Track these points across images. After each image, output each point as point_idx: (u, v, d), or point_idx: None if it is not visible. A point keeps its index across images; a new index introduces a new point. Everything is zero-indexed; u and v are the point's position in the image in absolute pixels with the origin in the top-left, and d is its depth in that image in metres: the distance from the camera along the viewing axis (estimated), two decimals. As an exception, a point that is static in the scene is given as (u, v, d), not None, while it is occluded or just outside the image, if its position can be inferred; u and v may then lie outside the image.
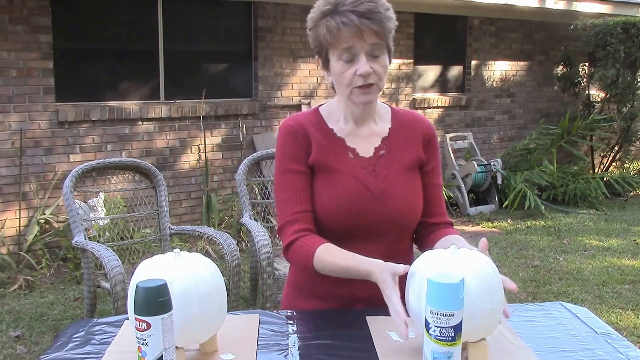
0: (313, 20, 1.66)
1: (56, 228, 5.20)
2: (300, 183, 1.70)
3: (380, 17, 1.60)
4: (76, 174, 3.46)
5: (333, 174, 1.70)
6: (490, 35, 8.31)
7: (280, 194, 1.71)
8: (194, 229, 3.83)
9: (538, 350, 1.46)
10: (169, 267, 1.36)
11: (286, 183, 1.71)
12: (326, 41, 1.63)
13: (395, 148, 1.76)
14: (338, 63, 1.64)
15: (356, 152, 1.74)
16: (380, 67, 1.64)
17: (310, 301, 1.77)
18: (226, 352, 1.43)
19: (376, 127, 1.77)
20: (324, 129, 1.75)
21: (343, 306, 1.72)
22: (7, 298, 4.51)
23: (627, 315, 4.31)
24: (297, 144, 1.71)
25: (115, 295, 3.13)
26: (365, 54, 1.61)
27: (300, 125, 1.73)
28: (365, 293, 1.67)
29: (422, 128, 1.80)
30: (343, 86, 1.67)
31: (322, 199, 1.69)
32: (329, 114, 1.78)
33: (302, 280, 1.81)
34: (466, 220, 7.09)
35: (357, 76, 1.63)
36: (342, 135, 1.75)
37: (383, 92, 7.35)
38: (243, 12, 6.37)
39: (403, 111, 1.85)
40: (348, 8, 1.59)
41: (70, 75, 5.48)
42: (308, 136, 1.72)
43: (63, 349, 1.47)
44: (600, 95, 8.75)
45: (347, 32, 1.59)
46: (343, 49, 1.62)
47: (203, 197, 5.93)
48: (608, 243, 6.16)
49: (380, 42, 1.62)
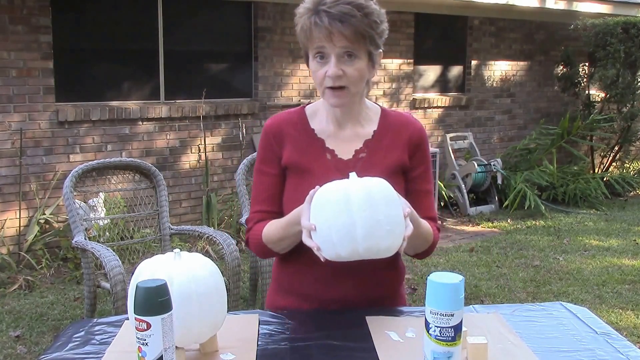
0: (297, 15, 1.66)
1: (56, 228, 5.20)
2: (264, 184, 1.75)
3: (354, 22, 1.56)
4: (76, 174, 3.46)
5: (306, 175, 1.69)
6: (490, 35, 8.31)
7: (252, 192, 1.80)
8: (194, 229, 3.83)
9: (538, 350, 1.46)
10: (169, 267, 1.36)
11: (255, 182, 1.78)
12: (303, 39, 1.64)
13: (377, 151, 1.72)
14: (313, 62, 1.65)
15: (334, 154, 1.72)
16: (353, 70, 1.61)
17: (288, 299, 1.77)
18: (226, 352, 1.43)
19: (360, 129, 1.74)
20: (305, 128, 1.74)
21: (319, 306, 1.71)
22: (7, 298, 4.51)
23: (627, 315, 4.31)
24: (268, 145, 1.74)
25: (115, 295, 3.13)
26: (336, 56, 1.60)
27: (277, 126, 1.74)
28: (340, 294, 1.69)
29: (411, 131, 1.75)
30: (317, 84, 1.67)
31: (292, 200, 1.67)
32: (313, 113, 1.77)
33: (280, 277, 1.82)
34: (466, 220, 7.09)
35: (327, 77, 1.62)
36: (322, 136, 1.73)
37: (384, 92, 7.36)
38: (243, 12, 6.37)
39: (394, 113, 1.80)
40: (325, 8, 1.57)
41: (70, 75, 5.48)
42: (282, 137, 1.73)
43: (63, 349, 1.47)
44: (600, 95, 8.75)
45: (317, 33, 1.58)
46: (316, 48, 1.61)
47: (203, 197, 5.93)
48: (608, 243, 6.16)
49: (353, 47, 1.59)
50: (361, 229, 1.41)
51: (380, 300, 1.74)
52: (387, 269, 1.75)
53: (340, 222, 1.41)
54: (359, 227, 1.41)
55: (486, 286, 4.88)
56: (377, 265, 1.59)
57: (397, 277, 1.82)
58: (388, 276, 1.77)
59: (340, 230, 1.41)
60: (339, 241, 1.42)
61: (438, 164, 6.56)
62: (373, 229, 1.41)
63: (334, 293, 1.70)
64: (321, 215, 1.45)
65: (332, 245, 1.44)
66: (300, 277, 1.72)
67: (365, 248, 1.43)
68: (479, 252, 5.83)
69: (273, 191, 1.74)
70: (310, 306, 1.71)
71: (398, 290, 1.82)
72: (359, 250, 1.43)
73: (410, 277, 5.06)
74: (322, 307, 1.70)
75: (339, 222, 1.41)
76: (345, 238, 1.42)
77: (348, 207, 1.41)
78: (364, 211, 1.41)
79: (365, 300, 1.71)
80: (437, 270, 5.09)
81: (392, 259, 1.76)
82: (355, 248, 1.43)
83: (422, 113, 7.75)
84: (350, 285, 1.68)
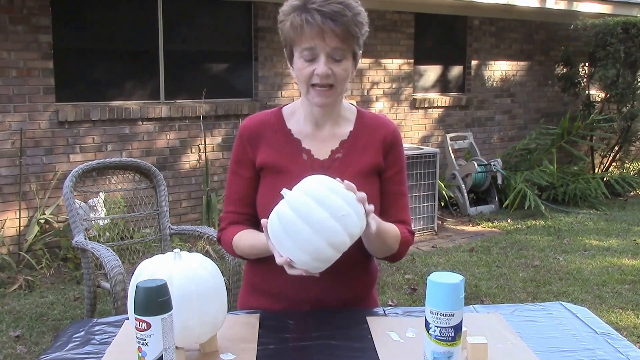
0: (283, 13, 1.65)
1: (56, 228, 5.20)
2: (237, 185, 1.76)
3: (345, 21, 1.57)
4: (76, 174, 3.46)
5: (281, 176, 1.68)
6: (490, 35, 8.31)
7: (225, 191, 1.81)
8: (194, 229, 3.83)
9: (538, 350, 1.46)
10: (169, 267, 1.36)
11: (229, 182, 1.79)
12: (290, 37, 1.63)
13: (353, 152, 1.72)
14: (299, 60, 1.63)
15: (311, 154, 1.72)
16: (341, 70, 1.62)
17: (260, 299, 1.77)
18: (226, 352, 1.43)
19: (337, 130, 1.74)
20: (281, 129, 1.74)
21: (291, 307, 1.71)
22: (7, 298, 4.51)
23: (627, 315, 4.31)
24: (242, 147, 1.75)
25: (115, 295, 3.13)
26: (325, 55, 1.60)
27: (253, 128, 1.75)
28: (312, 295, 1.69)
29: (385, 133, 1.74)
30: (302, 83, 1.65)
31: (265, 201, 1.67)
32: (291, 114, 1.77)
33: (252, 278, 1.82)
34: (466, 220, 7.09)
35: (315, 75, 1.61)
36: (299, 136, 1.73)
37: (384, 92, 7.36)
38: (243, 12, 6.37)
39: (369, 114, 1.80)
40: (315, 7, 1.57)
41: (70, 75, 5.48)
42: (257, 139, 1.73)
43: (63, 349, 1.47)
44: (600, 95, 8.75)
45: (309, 31, 1.58)
46: (304, 47, 1.60)
47: (203, 197, 5.93)
48: (608, 243, 6.16)
49: (343, 47, 1.60)
50: (320, 236, 1.37)
51: (351, 302, 1.75)
52: (359, 271, 1.76)
53: (301, 242, 1.37)
54: (317, 236, 1.37)
55: (486, 286, 4.88)
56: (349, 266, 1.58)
57: (369, 279, 1.82)
58: (360, 278, 1.78)
59: (307, 248, 1.38)
60: (315, 256, 1.39)
61: (438, 164, 6.56)
62: (329, 228, 1.37)
63: (306, 294, 1.70)
64: (283, 246, 1.41)
65: (313, 261, 1.40)
66: (272, 278, 1.70)
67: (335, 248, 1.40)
68: (479, 252, 5.83)
69: (245, 193, 1.74)
70: (282, 306, 1.71)
71: (370, 292, 1.83)
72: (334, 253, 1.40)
73: (410, 277, 5.06)
74: (294, 307, 1.70)
75: (301, 243, 1.38)
76: (316, 252, 1.38)
77: (294, 226, 1.37)
78: (309, 219, 1.36)
79: (337, 301, 1.71)
80: (437, 270, 5.09)
81: (364, 261, 1.77)
82: (330, 253, 1.40)
83: (422, 113, 7.75)
84: (322, 286, 1.67)
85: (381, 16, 7.16)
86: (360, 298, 1.79)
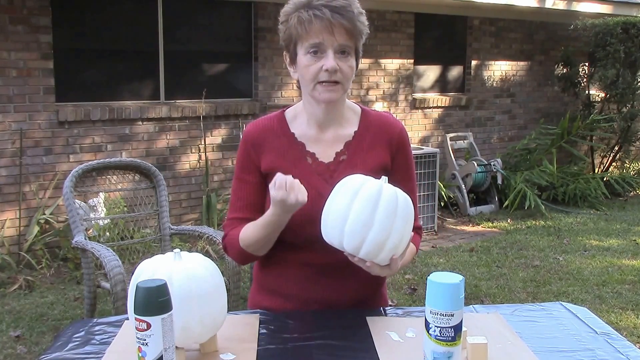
0: (286, 13, 1.65)
1: (56, 228, 5.20)
2: (243, 192, 1.74)
3: (352, 16, 1.60)
4: (76, 174, 3.46)
5: None
6: (490, 35, 8.31)
7: (230, 198, 1.78)
8: (194, 229, 3.83)
9: (538, 351, 1.46)
10: (169, 267, 1.36)
11: (234, 188, 1.77)
12: (297, 33, 1.62)
13: (357, 153, 1.71)
14: (305, 57, 1.62)
15: (315, 157, 1.71)
16: (347, 67, 1.62)
17: (271, 299, 1.77)
18: (226, 352, 1.43)
19: (341, 131, 1.73)
20: (285, 133, 1.73)
21: (301, 307, 1.71)
22: (7, 298, 4.51)
23: (627, 315, 4.31)
24: (245, 153, 1.73)
25: (115, 295, 3.13)
26: (333, 51, 1.60)
27: (256, 134, 1.73)
28: (323, 294, 1.70)
29: (392, 133, 1.74)
30: (307, 81, 1.64)
31: None
32: (293, 117, 1.75)
33: (262, 278, 1.82)
34: (466, 220, 7.09)
35: (323, 71, 1.61)
36: (303, 140, 1.72)
37: (384, 92, 7.36)
38: (243, 12, 6.37)
39: (374, 113, 1.78)
40: (322, 3, 1.59)
41: (70, 75, 5.48)
42: (261, 145, 1.71)
43: (63, 349, 1.47)
44: (600, 95, 8.74)
45: (319, 25, 1.58)
46: (312, 43, 1.60)
47: (203, 197, 5.93)
48: (608, 243, 6.16)
49: (349, 42, 1.61)
50: (373, 234, 1.43)
51: (362, 301, 1.75)
52: None
53: (361, 217, 1.42)
54: (372, 231, 1.43)
55: (486, 286, 4.88)
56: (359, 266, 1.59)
57: (378, 278, 1.81)
58: (370, 277, 1.78)
59: (356, 224, 1.43)
60: (350, 231, 1.43)
61: (438, 164, 6.56)
62: (382, 239, 1.43)
63: (316, 293, 1.70)
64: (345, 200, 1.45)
65: (339, 232, 1.45)
66: (284, 279, 1.72)
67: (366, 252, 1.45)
68: (479, 252, 5.83)
69: (251, 199, 1.72)
70: (294, 306, 1.71)
71: (380, 290, 1.83)
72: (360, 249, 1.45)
73: (410, 277, 5.06)
74: (305, 307, 1.70)
75: (360, 216, 1.42)
76: (356, 232, 1.43)
77: (374, 207, 1.43)
78: (387, 218, 1.43)
79: (348, 300, 1.72)
80: (437, 270, 5.09)
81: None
82: (358, 246, 1.44)
83: (422, 113, 7.75)
84: (333, 285, 1.69)
85: (381, 16, 7.16)
86: (371, 297, 1.79)
